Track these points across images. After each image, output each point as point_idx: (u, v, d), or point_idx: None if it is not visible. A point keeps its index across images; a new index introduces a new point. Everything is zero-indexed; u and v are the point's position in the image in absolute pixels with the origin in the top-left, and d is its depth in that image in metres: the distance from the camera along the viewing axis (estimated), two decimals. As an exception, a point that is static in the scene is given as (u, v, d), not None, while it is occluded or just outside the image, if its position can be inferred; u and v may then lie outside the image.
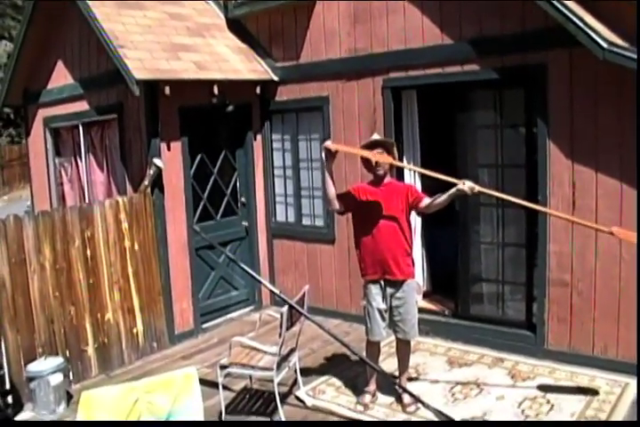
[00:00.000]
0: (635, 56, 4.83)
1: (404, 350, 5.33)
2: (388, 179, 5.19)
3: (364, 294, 5.26)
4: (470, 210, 6.50)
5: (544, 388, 5.40)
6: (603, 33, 5.01)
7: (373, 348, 5.33)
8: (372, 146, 5.11)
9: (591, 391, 5.26)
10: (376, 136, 5.28)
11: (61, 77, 8.18)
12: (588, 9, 5.30)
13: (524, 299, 6.23)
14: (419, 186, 7.00)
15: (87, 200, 7.98)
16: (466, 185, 4.67)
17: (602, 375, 5.52)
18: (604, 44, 4.92)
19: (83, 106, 7.82)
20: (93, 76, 7.56)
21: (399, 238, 5.05)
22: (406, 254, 5.13)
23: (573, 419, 4.81)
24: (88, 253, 6.27)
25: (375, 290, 5.12)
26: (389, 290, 5.10)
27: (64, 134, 8.58)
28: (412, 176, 7.01)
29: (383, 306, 5.12)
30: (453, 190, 4.76)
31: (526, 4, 5.53)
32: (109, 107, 7.38)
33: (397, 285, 5.09)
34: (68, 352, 6.07)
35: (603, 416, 4.83)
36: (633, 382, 5.34)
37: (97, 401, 3.90)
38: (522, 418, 4.89)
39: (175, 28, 7.44)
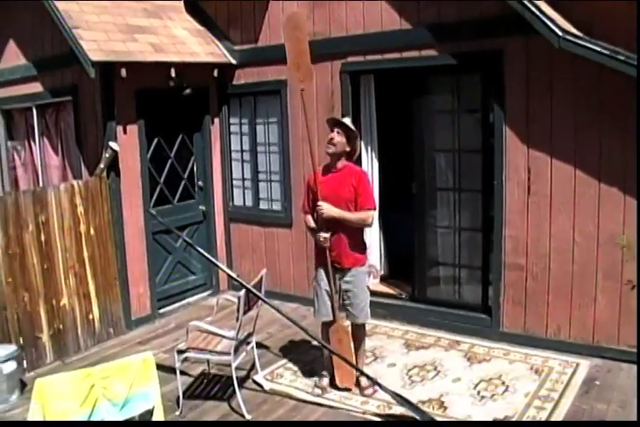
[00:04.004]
0: (587, 44, 4.93)
1: (357, 333, 5.34)
2: (342, 163, 5.09)
3: (315, 275, 5.28)
4: (427, 194, 6.55)
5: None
6: (558, 21, 5.07)
7: (329, 330, 5.35)
8: (336, 124, 5.05)
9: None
10: (347, 120, 5.14)
11: (13, 57, 7.95)
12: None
13: (479, 282, 6.32)
14: (376, 171, 7.05)
15: (41, 184, 7.82)
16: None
17: (555, 356, 5.66)
18: (560, 33, 4.98)
19: (36, 87, 7.64)
20: (47, 56, 7.37)
21: (347, 228, 5.00)
22: (354, 244, 5.08)
23: (527, 399, 4.92)
24: (42, 237, 6.15)
25: (324, 272, 5.12)
26: (338, 274, 5.11)
27: (17, 117, 8.38)
28: (370, 162, 7.02)
29: (332, 287, 5.12)
30: None
31: (484, -9, 5.56)
32: (64, 89, 7.22)
33: (346, 270, 5.09)
34: (21, 339, 5.95)
35: (555, 396, 4.95)
36: (584, 362, 5.51)
37: (51, 388, 3.84)
38: (477, 399, 4.98)
39: (132, 10, 7.29)
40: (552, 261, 5.73)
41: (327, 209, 4.90)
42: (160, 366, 4.52)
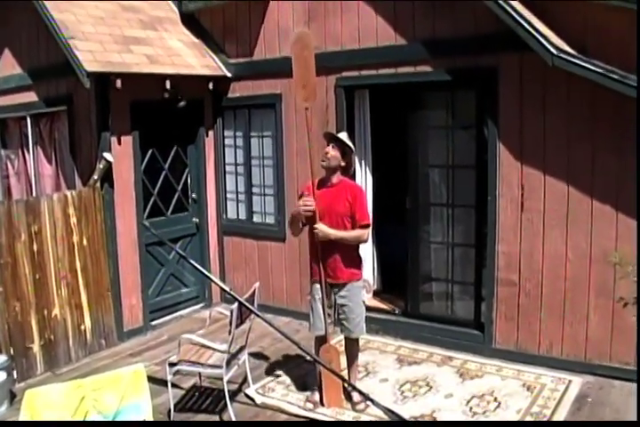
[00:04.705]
0: (581, 63, 4.98)
1: (351, 347, 5.35)
2: (338, 178, 5.12)
3: (310, 289, 5.28)
4: (421, 209, 6.56)
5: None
6: (552, 39, 5.11)
7: (322, 345, 5.33)
8: (332, 139, 5.09)
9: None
10: (343, 135, 5.19)
11: (9, 66, 7.95)
12: (538, 14, 5.41)
13: (472, 298, 6.32)
14: (370, 186, 7.06)
15: (34, 194, 7.80)
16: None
17: (547, 373, 5.65)
18: (554, 51, 5.02)
19: (31, 97, 7.64)
20: (43, 66, 7.38)
21: (343, 244, 5.01)
22: (350, 259, 5.10)
23: (519, 416, 4.91)
24: (35, 247, 6.13)
25: (320, 286, 5.12)
26: (334, 289, 5.12)
27: (11, 126, 8.36)
28: (364, 176, 7.03)
29: (327, 301, 5.13)
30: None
31: (478, 8, 5.59)
32: (59, 99, 7.23)
33: (341, 285, 5.10)
34: (12, 350, 5.91)
35: (547, 412, 4.94)
36: (576, 378, 5.50)
37: (42, 399, 3.81)
38: (469, 415, 4.96)
39: (128, 21, 7.32)
40: (544, 277, 5.74)
41: (321, 231, 4.92)
42: (151, 379, 4.50)
